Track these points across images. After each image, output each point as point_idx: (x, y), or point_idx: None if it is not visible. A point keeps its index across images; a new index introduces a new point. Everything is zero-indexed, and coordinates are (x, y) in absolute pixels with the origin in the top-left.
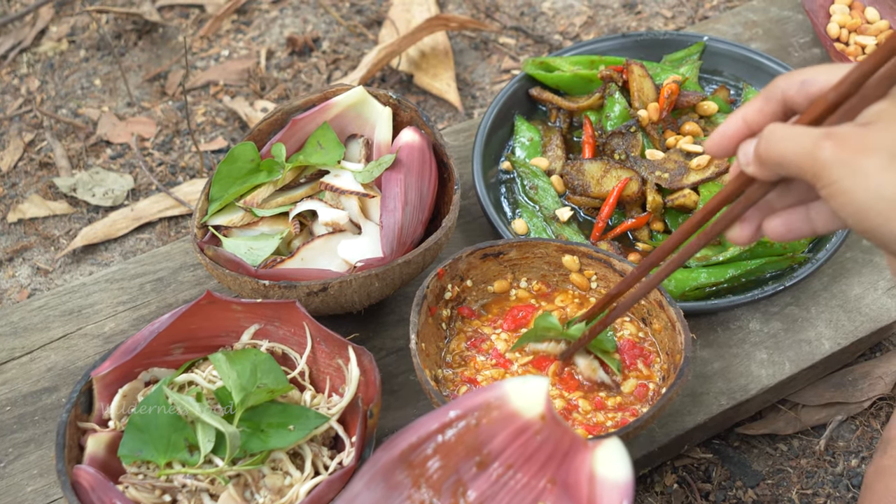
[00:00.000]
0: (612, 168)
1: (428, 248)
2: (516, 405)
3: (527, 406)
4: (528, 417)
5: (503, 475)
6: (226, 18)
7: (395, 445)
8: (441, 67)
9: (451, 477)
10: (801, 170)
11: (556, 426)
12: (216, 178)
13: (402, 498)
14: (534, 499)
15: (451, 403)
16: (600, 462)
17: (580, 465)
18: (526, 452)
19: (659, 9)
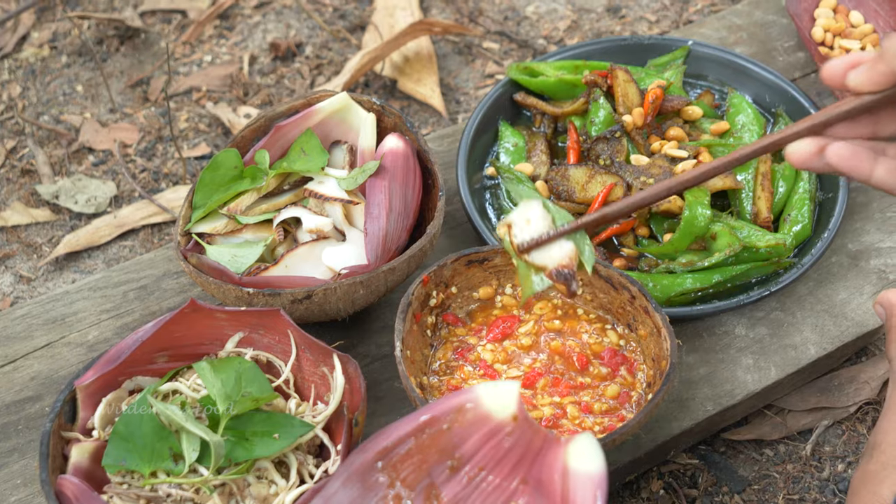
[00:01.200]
0: (597, 173)
1: (413, 255)
2: (488, 407)
3: (499, 408)
4: (500, 419)
5: (475, 477)
6: (208, 24)
7: (370, 448)
8: (425, 72)
9: (425, 480)
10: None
11: (527, 426)
12: (199, 185)
13: (378, 497)
14: (506, 499)
15: (425, 407)
16: (573, 456)
17: (553, 461)
18: (498, 454)
19: (643, 13)
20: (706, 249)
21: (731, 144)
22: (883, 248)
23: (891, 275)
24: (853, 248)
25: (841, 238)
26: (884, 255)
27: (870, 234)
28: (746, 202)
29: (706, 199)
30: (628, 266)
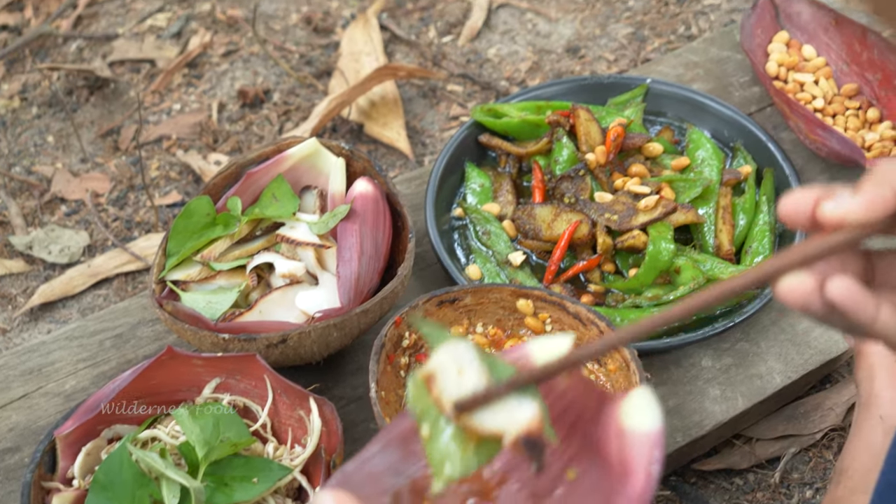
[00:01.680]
0: (562, 211)
1: (385, 297)
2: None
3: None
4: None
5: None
6: (177, 72)
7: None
8: (391, 116)
9: None
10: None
11: (582, 383)
12: (173, 232)
13: (418, 466)
14: (562, 467)
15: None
16: (627, 414)
17: (608, 421)
18: (552, 416)
19: (602, 52)
20: (671, 283)
21: (692, 179)
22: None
23: None
24: None
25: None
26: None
27: None
28: (709, 235)
29: (669, 233)
30: (595, 302)
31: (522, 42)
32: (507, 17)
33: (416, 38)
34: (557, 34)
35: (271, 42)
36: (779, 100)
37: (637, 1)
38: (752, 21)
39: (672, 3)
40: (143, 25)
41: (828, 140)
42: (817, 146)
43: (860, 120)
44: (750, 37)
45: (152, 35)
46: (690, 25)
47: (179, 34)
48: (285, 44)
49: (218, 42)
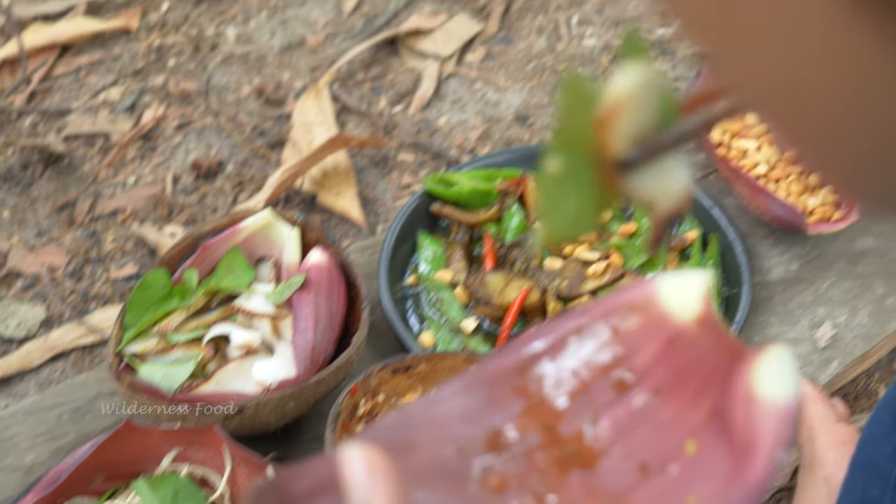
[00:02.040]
0: (513, 278)
1: (340, 366)
2: (667, 306)
3: (680, 306)
4: (681, 322)
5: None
6: (131, 146)
7: (509, 353)
8: (343, 186)
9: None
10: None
11: (715, 333)
12: (130, 305)
13: (504, 415)
14: (682, 436)
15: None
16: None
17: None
18: (678, 371)
19: (550, 120)
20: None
21: (640, 245)
22: (787, 339)
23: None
24: (758, 341)
25: (747, 332)
26: (788, 347)
27: (774, 327)
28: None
29: None
30: None
31: (472, 111)
32: (457, 87)
33: (368, 107)
34: (506, 103)
35: (224, 114)
36: (723, 167)
37: (584, 69)
38: (696, 89)
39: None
40: (96, 100)
41: (771, 206)
42: (761, 212)
43: (802, 185)
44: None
45: (106, 109)
46: None
47: (133, 107)
48: (238, 115)
49: (171, 115)
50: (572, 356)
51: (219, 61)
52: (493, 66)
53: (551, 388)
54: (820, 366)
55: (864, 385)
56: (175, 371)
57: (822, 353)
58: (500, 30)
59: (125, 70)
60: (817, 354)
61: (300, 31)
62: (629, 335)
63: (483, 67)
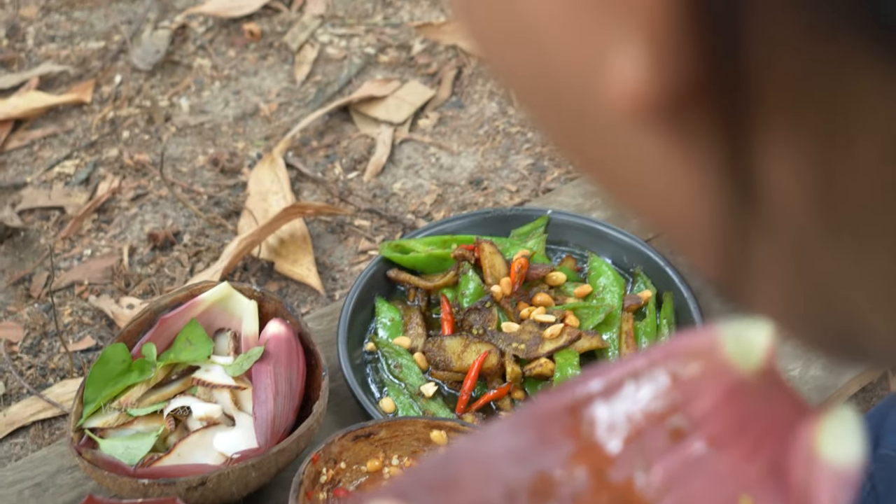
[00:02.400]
0: (471, 343)
1: (301, 435)
2: (729, 355)
3: (743, 356)
4: (743, 372)
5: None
6: (86, 218)
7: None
8: (300, 253)
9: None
10: None
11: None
12: (89, 380)
13: (553, 457)
14: (737, 490)
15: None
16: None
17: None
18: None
19: (504, 183)
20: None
21: (595, 306)
22: None
23: None
24: None
25: None
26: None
27: None
28: (613, 360)
29: (575, 360)
30: None
31: (426, 175)
32: (411, 152)
33: (323, 174)
34: (460, 167)
35: (179, 184)
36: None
37: (536, 132)
38: None
39: None
40: (51, 173)
41: None
42: None
43: None
44: None
45: (61, 182)
46: None
47: (88, 180)
48: (193, 185)
49: (126, 186)
50: (628, 400)
51: (173, 132)
52: (445, 131)
53: (604, 432)
54: None
55: None
56: (136, 445)
57: None
58: (452, 95)
59: (79, 143)
60: None
61: (254, 101)
62: (688, 382)
63: (436, 133)
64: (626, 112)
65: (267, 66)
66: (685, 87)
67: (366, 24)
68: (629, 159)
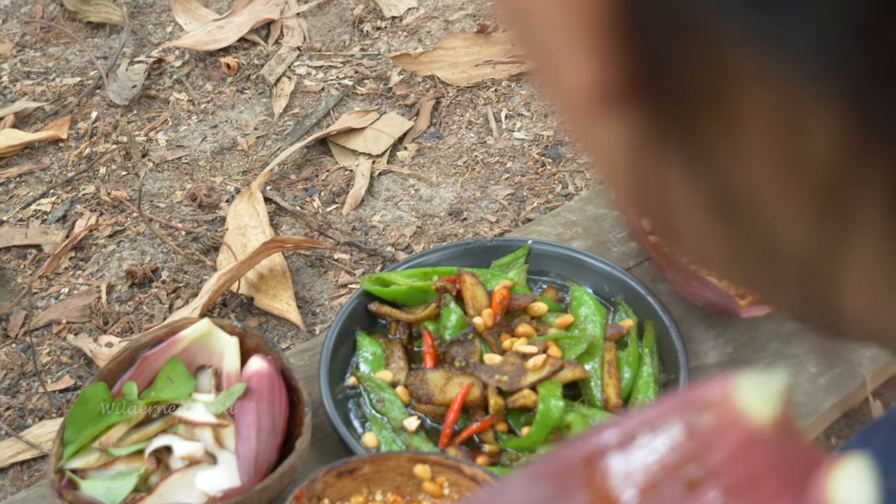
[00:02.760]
0: (453, 375)
1: (284, 472)
2: (744, 405)
3: (758, 406)
4: (757, 423)
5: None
6: (64, 256)
7: (579, 445)
8: (280, 288)
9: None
10: None
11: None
12: (69, 421)
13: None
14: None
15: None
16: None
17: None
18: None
19: (483, 214)
20: (563, 439)
21: (577, 336)
22: None
23: None
24: None
25: None
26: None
27: None
28: (596, 390)
29: (558, 391)
30: (491, 462)
31: (406, 208)
32: (390, 184)
33: (301, 208)
34: (439, 198)
35: (157, 220)
36: (655, 254)
37: (515, 162)
38: None
39: (548, 163)
40: (27, 211)
41: (704, 291)
42: (694, 297)
43: None
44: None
45: (37, 220)
46: (567, 184)
47: (65, 218)
48: (171, 221)
49: (104, 223)
50: (643, 450)
51: (150, 167)
52: (424, 163)
53: (620, 482)
54: None
55: None
56: (118, 485)
57: None
58: (431, 126)
59: (56, 180)
60: None
61: (231, 135)
62: (703, 432)
63: (415, 164)
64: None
65: (244, 99)
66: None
67: (343, 55)
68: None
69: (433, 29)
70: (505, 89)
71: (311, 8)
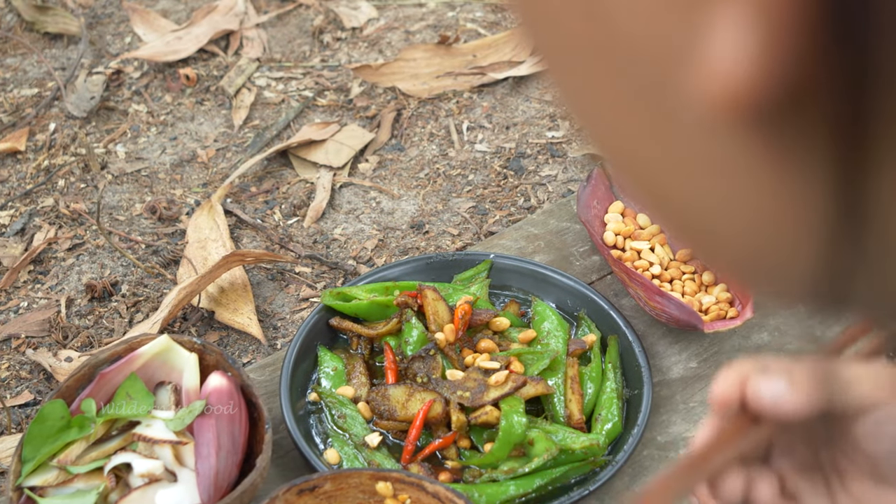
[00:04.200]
0: (415, 391)
1: (245, 491)
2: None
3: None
4: None
5: None
6: (22, 269)
7: None
8: (241, 302)
9: None
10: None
11: None
12: (28, 438)
13: None
14: None
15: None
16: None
17: None
18: None
19: (446, 227)
20: (526, 455)
21: (539, 352)
22: (690, 437)
23: None
24: (662, 441)
25: (650, 432)
26: (691, 445)
27: (677, 426)
28: (559, 406)
29: (521, 407)
30: (453, 478)
31: (367, 220)
32: (351, 197)
33: (262, 221)
34: (401, 211)
35: (116, 233)
36: (617, 269)
37: (477, 175)
38: (588, 192)
39: (511, 175)
40: None
41: (666, 306)
42: (657, 312)
43: (696, 283)
44: (586, 208)
45: None
46: (529, 197)
47: (23, 231)
48: (131, 234)
49: (63, 236)
50: None
51: (109, 180)
52: (386, 175)
53: None
54: None
55: None
56: (76, 503)
57: None
58: (392, 138)
59: (14, 193)
60: None
61: (191, 147)
62: None
63: (376, 176)
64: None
65: (204, 110)
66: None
67: (303, 66)
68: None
69: (394, 40)
70: (466, 101)
71: (271, 18)
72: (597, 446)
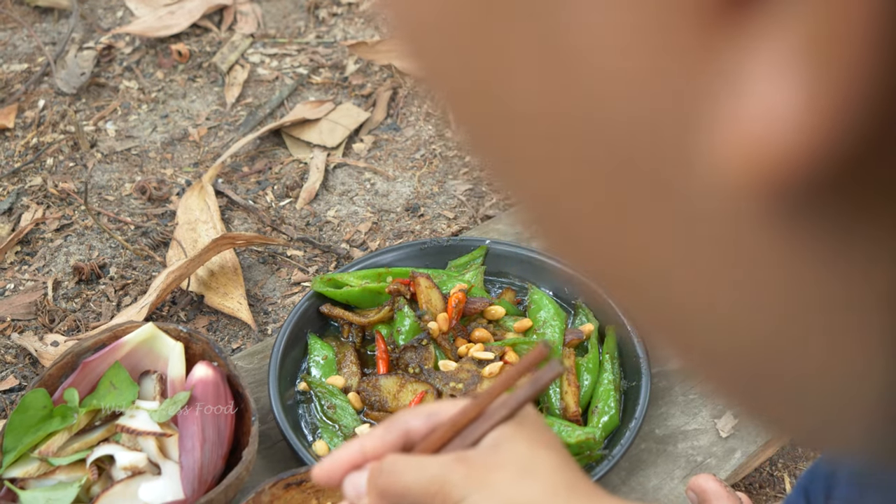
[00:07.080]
0: (407, 382)
1: (230, 485)
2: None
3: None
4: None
5: None
6: (9, 250)
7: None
8: (231, 286)
9: None
10: (429, 496)
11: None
12: (9, 428)
13: None
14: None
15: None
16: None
17: None
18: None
19: (441, 210)
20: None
21: (535, 342)
22: (689, 430)
23: (698, 457)
24: (660, 434)
25: (648, 425)
26: (690, 438)
27: (675, 418)
28: (554, 398)
29: None
30: None
31: (361, 202)
32: (345, 178)
33: (254, 202)
34: (396, 193)
35: (105, 214)
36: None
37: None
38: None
39: None
40: None
41: None
42: None
43: None
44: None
45: None
46: None
47: (10, 210)
48: (120, 215)
49: (51, 217)
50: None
51: (99, 159)
52: (381, 155)
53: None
54: (723, 457)
55: (769, 473)
56: (58, 496)
57: (724, 443)
58: (388, 117)
59: (1, 171)
60: (720, 445)
61: (182, 125)
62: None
63: (371, 157)
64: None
65: (196, 88)
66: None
67: (298, 43)
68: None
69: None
70: None
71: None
72: (592, 440)
